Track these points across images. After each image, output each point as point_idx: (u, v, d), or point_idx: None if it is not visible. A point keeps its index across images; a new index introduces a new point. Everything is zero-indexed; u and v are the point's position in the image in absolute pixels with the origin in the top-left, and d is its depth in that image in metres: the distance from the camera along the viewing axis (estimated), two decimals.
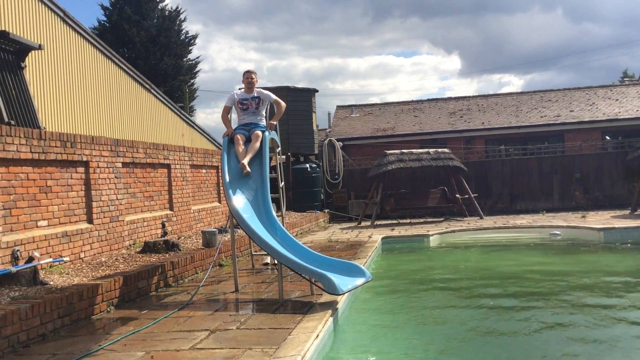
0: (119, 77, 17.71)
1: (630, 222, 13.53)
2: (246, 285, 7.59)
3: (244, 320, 5.69)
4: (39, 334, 5.22)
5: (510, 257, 11.36)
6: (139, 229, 9.59)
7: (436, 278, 9.38)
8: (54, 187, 7.54)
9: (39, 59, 13.23)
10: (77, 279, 6.64)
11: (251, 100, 7.76)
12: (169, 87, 33.40)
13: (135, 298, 6.84)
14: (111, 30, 33.33)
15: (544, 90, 25.99)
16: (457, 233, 14.26)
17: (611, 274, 9.01)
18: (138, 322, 5.74)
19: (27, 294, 5.66)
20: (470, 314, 6.93)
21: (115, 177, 8.92)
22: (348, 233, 14.48)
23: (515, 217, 16.99)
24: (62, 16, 14.53)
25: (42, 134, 7.33)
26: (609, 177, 18.55)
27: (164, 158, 10.64)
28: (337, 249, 11.07)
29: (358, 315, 6.89)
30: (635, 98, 23.04)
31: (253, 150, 7.39)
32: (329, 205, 19.17)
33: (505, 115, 23.07)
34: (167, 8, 36.41)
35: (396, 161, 16.39)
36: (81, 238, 7.95)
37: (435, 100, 26.72)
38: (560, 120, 21.74)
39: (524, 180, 18.88)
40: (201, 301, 6.71)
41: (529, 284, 8.54)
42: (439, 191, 17.35)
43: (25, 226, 6.97)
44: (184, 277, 8.07)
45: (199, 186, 12.25)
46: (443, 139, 21.70)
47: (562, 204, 18.57)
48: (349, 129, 23.69)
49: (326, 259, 6.86)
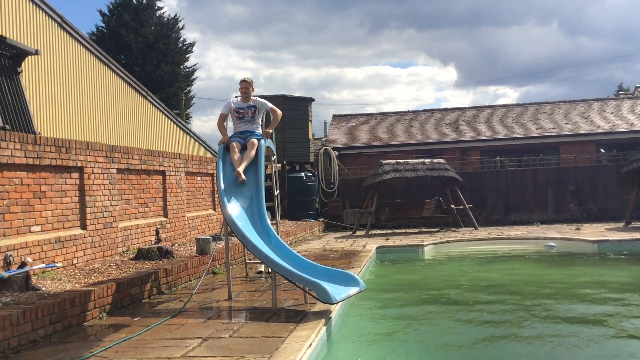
0: (116, 84, 17.72)
1: (624, 235, 13.57)
2: (240, 293, 7.56)
3: (237, 329, 5.66)
4: (30, 340, 5.18)
5: (505, 268, 11.35)
6: (132, 235, 9.56)
7: (430, 288, 9.36)
8: (48, 192, 7.52)
9: (35, 64, 13.23)
10: (70, 285, 6.61)
11: (247, 109, 7.78)
12: (165, 94, 33.44)
13: (127, 305, 6.81)
14: (109, 37, 33.40)
15: (540, 102, 26.12)
16: (451, 244, 14.27)
17: (604, 286, 9.01)
18: (130, 329, 5.71)
19: (19, 299, 5.63)
20: (464, 325, 6.92)
21: (110, 183, 8.90)
22: (343, 242, 14.46)
23: (510, 228, 17.01)
24: (60, 22, 14.54)
25: (37, 139, 7.32)
26: (604, 190, 18.61)
27: (159, 165, 10.62)
28: (331, 258, 11.05)
29: (351, 325, 6.87)
30: (629, 112, 23.16)
31: (248, 158, 7.40)
32: (324, 214, 19.16)
33: (500, 127, 23.15)
34: (165, 16, 36.54)
35: (391, 171, 16.41)
36: (74, 244, 7.92)
37: (431, 110, 26.80)
38: (556, 132, 21.82)
39: (518, 191, 18.93)
40: (194, 309, 6.68)
41: (523, 295, 8.53)
42: (434, 201, 17.38)
43: (18, 231, 6.94)
44: (177, 285, 8.04)
45: (193, 193, 12.23)
46: (439, 149, 21.74)
47: (557, 215, 18.61)
48: (344, 138, 23.73)
49: (320, 267, 6.84)
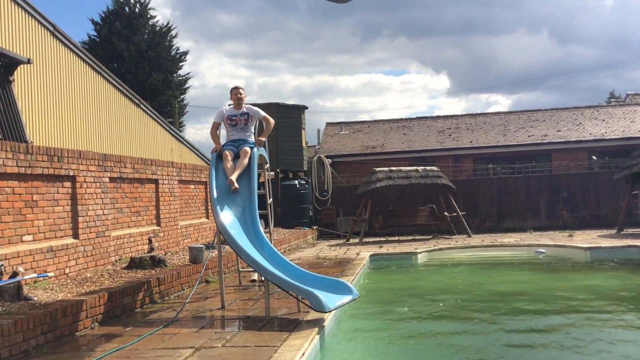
0: (108, 92, 17.69)
1: (616, 242, 13.62)
2: (233, 302, 7.54)
3: (230, 338, 5.64)
4: (21, 350, 5.14)
5: (498, 275, 11.37)
6: (125, 244, 9.52)
7: (424, 296, 9.35)
8: (40, 201, 7.49)
9: (27, 73, 13.20)
10: (62, 294, 6.57)
11: (240, 117, 7.78)
12: (158, 102, 33.43)
13: (120, 314, 6.77)
14: (101, 45, 33.40)
15: (532, 110, 26.27)
16: (445, 251, 14.28)
17: (596, 293, 9.04)
18: (122, 339, 5.67)
19: (10, 309, 5.59)
20: (457, 332, 6.92)
21: (102, 192, 8.87)
22: (336, 250, 14.45)
23: (503, 235, 17.04)
24: (52, 30, 14.53)
25: (29, 148, 7.29)
26: (596, 197, 18.70)
27: (152, 173, 10.60)
28: (325, 266, 11.03)
29: (345, 333, 6.85)
30: (621, 119, 23.33)
31: (241, 166, 7.39)
32: (318, 222, 19.15)
33: (493, 134, 23.25)
34: (158, 24, 36.57)
35: (385, 179, 16.43)
36: (66, 253, 7.88)
37: (424, 118, 26.91)
38: (548, 139, 21.94)
39: (511, 198, 18.99)
40: (187, 318, 6.66)
41: (516, 302, 8.54)
42: (427, 209, 17.40)
43: (9, 241, 6.90)
44: (169, 294, 8.00)
45: (186, 202, 12.20)
46: (432, 157, 21.80)
47: (549, 222, 18.67)
48: (338, 146, 23.76)
49: (313, 276, 6.83)
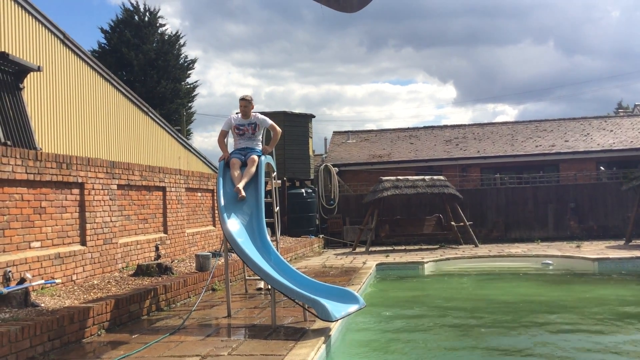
0: (117, 100, 17.80)
1: (624, 253, 13.53)
2: (239, 310, 7.53)
3: (236, 346, 5.63)
4: (28, 357, 5.15)
5: (505, 286, 11.32)
6: (132, 251, 9.54)
7: (430, 306, 9.32)
8: (48, 208, 7.53)
9: (37, 80, 13.30)
10: (69, 301, 6.59)
11: (248, 126, 7.81)
12: (166, 110, 33.59)
13: (126, 322, 6.78)
14: (110, 53, 33.63)
15: (539, 120, 26.23)
16: (451, 261, 14.23)
17: (605, 305, 8.97)
18: (129, 346, 5.68)
19: (17, 315, 5.61)
20: (464, 343, 6.88)
21: (110, 199, 8.91)
22: (342, 259, 14.42)
23: (510, 245, 16.97)
24: (62, 38, 14.65)
25: (38, 154, 7.34)
26: (604, 208, 18.59)
27: (160, 181, 10.64)
28: (331, 275, 11.02)
29: (351, 343, 6.83)
30: (629, 129, 23.24)
31: (248, 174, 7.42)
32: (324, 230, 19.13)
33: (500, 144, 23.21)
34: (167, 33, 36.79)
35: (391, 188, 16.42)
36: (74, 260, 7.91)
37: (431, 127, 26.90)
38: (555, 150, 21.88)
39: (519, 209, 18.92)
40: (193, 326, 6.66)
41: (523, 314, 8.49)
42: (434, 218, 17.36)
43: (18, 247, 6.93)
44: (176, 301, 8.01)
45: (193, 209, 12.23)
46: (439, 166, 21.78)
47: (557, 233, 18.57)
48: (345, 154, 23.78)
49: (320, 284, 6.83)
